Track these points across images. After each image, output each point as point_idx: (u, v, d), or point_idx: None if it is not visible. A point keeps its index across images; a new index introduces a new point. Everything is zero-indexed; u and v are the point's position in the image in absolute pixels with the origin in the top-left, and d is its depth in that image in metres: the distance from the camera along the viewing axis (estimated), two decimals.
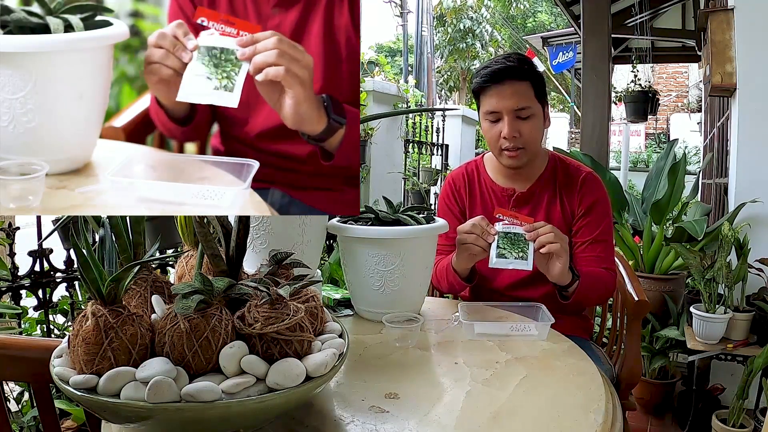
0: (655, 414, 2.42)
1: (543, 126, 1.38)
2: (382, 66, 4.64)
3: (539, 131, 1.36)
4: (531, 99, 1.33)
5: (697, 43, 4.36)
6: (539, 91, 1.35)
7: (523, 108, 1.31)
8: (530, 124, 1.33)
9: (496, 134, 1.35)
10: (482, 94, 1.36)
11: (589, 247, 1.38)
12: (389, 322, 1.04)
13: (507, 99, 1.31)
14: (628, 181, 5.30)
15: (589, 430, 0.72)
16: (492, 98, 1.33)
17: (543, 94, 1.36)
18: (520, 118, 1.32)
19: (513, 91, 1.31)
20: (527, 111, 1.32)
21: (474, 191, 1.49)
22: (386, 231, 1.10)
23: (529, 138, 1.34)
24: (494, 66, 1.33)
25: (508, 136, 1.32)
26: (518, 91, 1.31)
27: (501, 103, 1.32)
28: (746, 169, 2.27)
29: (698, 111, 8.71)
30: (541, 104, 1.36)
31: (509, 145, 1.34)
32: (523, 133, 1.33)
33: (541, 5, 17.58)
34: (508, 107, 1.31)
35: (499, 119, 1.34)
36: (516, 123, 1.32)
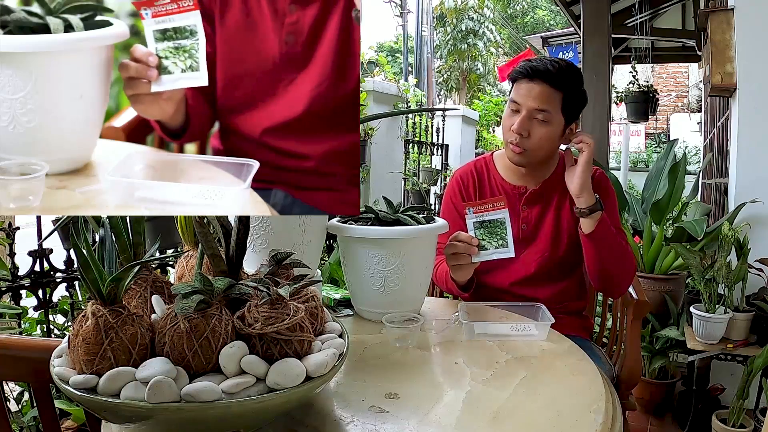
0: (655, 414, 2.42)
1: (558, 139, 1.35)
2: (382, 66, 4.64)
3: (551, 141, 1.34)
4: (554, 107, 1.31)
5: (697, 43, 4.35)
6: (569, 106, 1.32)
7: (542, 111, 1.30)
8: (543, 129, 1.32)
9: (510, 125, 1.35)
10: (516, 83, 1.36)
11: None
12: (389, 322, 1.04)
13: (532, 97, 1.31)
14: (628, 181, 5.31)
15: (589, 430, 0.72)
16: (520, 90, 1.33)
17: (573, 111, 1.34)
18: (536, 120, 1.31)
19: (540, 92, 1.30)
20: (545, 116, 1.31)
21: (483, 188, 1.48)
22: (386, 231, 1.10)
23: (536, 142, 1.33)
24: (536, 63, 1.33)
25: (516, 131, 1.33)
26: (545, 94, 1.30)
27: (524, 98, 1.32)
28: (746, 169, 2.27)
29: (698, 111, 8.71)
30: (566, 119, 1.34)
31: (515, 139, 1.34)
32: (532, 135, 1.32)
33: (540, 2, 17.57)
34: (529, 105, 1.31)
35: (518, 111, 1.34)
36: (529, 123, 1.32)
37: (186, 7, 0.79)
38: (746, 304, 2.02)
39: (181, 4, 0.78)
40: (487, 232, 1.18)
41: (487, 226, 1.17)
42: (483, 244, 1.18)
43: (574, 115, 1.35)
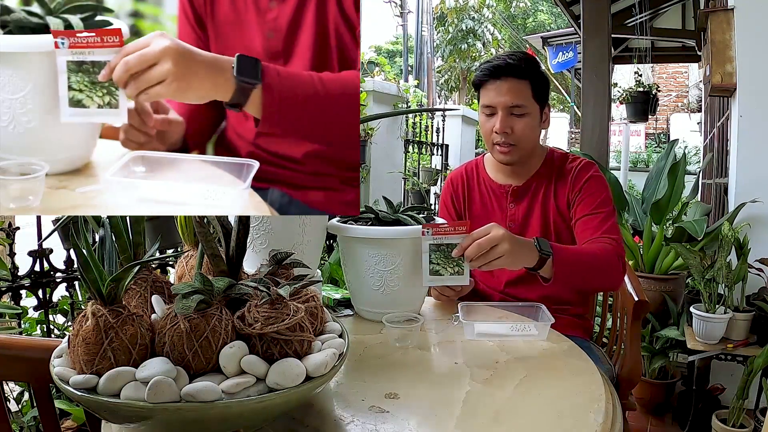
0: (655, 414, 2.42)
1: (539, 126, 1.39)
2: (382, 66, 4.64)
3: (533, 130, 1.37)
4: (527, 98, 1.34)
5: (697, 43, 4.36)
6: (538, 92, 1.35)
7: (517, 106, 1.33)
8: (523, 122, 1.34)
9: (490, 128, 1.37)
10: (482, 87, 1.38)
11: (586, 220, 1.34)
12: (389, 322, 1.04)
13: (502, 95, 1.33)
14: (628, 181, 5.30)
15: (589, 430, 0.72)
16: (489, 93, 1.35)
17: (543, 96, 1.37)
18: (514, 115, 1.34)
19: (509, 88, 1.33)
20: (521, 109, 1.33)
21: (473, 190, 1.50)
22: (386, 231, 1.10)
23: (521, 135, 1.35)
24: (495, 62, 1.36)
25: (499, 131, 1.35)
26: (515, 88, 1.33)
27: (496, 98, 1.34)
28: (746, 169, 2.27)
29: (698, 111, 8.70)
30: (540, 105, 1.37)
31: (500, 139, 1.36)
32: (515, 130, 1.34)
33: (541, 4, 17.57)
34: (503, 103, 1.33)
35: (493, 113, 1.36)
36: (509, 119, 1.34)
37: (110, 43, 0.74)
38: (746, 304, 2.02)
39: (106, 39, 0.73)
40: (443, 256, 1.10)
41: (444, 250, 1.10)
42: (437, 269, 1.10)
43: (544, 98, 1.38)
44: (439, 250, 1.09)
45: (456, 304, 1.19)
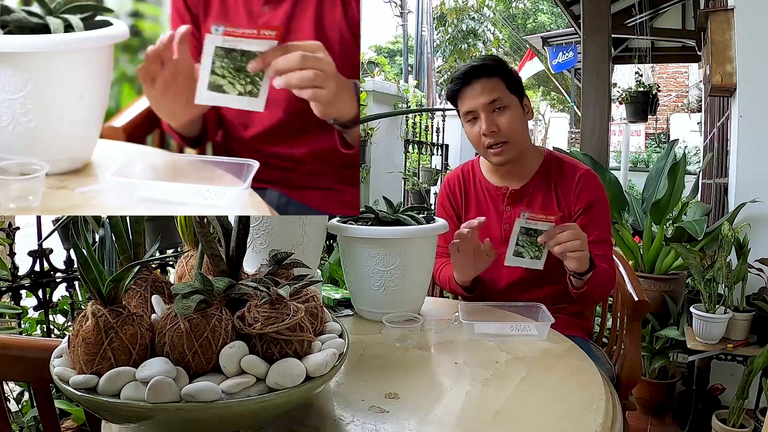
0: (655, 414, 2.42)
1: (523, 117, 1.39)
2: (382, 66, 4.64)
3: (519, 122, 1.37)
4: (502, 91, 1.35)
5: (697, 43, 4.35)
6: (511, 84, 1.36)
7: (495, 100, 1.33)
8: (507, 116, 1.35)
9: (477, 133, 1.37)
10: (457, 99, 1.40)
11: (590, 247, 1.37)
12: (389, 322, 1.04)
13: (478, 97, 1.34)
14: (628, 181, 5.30)
15: (589, 430, 0.72)
16: (465, 100, 1.37)
17: (517, 87, 1.38)
18: (496, 112, 1.34)
19: (482, 88, 1.34)
20: (500, 102, 1.34)
21: (469, 192, 1.50)
22: (386, 231, 1.10)
23: (509, 130, 1.35)
24: (465, 68, 1.37)
25: (487, 132, 1.35)
26: (487, 86, 1.34)
27: (473, 101, 1.35)
28: (746, 169, 2.27)
29: (698, 111, 8.70)
30: (517, 96, 1.37)
31: (490, 141, 1.36)
32: (502, 126, 1.34)
33: (542, 5, 17.55)
34: (482, 104, 1.34)
35: (476, 118, 1.37)
36: (492, 117, 1.34)
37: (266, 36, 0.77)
38: (746, 304, 2.02)
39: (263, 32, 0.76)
40: (529, 240, 1.18)
41: (532, 235, 1.18)
42: (520, 251, 1.18)
43: (519, 89, 1.39)
44: (528, 234, 1.17)
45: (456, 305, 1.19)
